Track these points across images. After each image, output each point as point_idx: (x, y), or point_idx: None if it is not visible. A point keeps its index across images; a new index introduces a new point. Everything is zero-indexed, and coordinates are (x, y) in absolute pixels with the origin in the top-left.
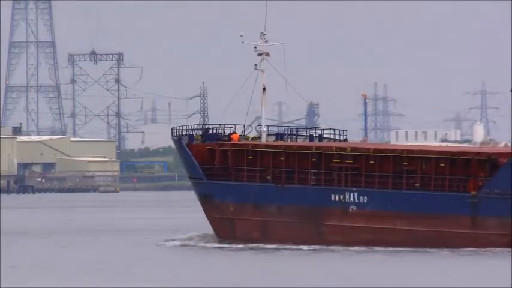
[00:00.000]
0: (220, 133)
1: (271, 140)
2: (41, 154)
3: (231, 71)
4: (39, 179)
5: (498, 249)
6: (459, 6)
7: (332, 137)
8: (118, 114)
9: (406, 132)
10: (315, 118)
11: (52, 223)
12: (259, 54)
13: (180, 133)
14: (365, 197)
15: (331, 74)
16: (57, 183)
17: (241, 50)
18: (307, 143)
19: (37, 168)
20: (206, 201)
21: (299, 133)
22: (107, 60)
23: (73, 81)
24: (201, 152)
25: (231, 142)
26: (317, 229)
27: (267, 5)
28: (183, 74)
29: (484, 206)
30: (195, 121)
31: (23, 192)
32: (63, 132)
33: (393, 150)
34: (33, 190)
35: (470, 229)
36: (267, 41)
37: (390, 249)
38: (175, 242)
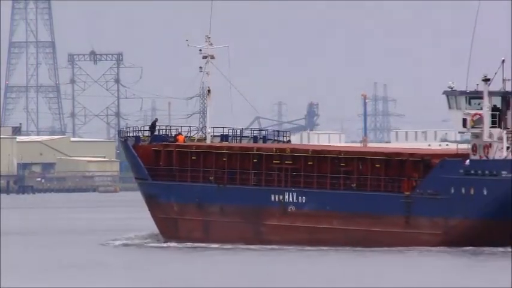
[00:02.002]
0: (167, 134)
1: (217, 141)
2: (41, 154)
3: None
4: (39, 179)
5: (430, 248)
6: (459, 7)
7: (276, 138)
8: (118, 114)
9: (406, 132)
10: (315, 118)
11: (22, 223)
12: (204, 57)
13: (127, 134)
14: (304, 197)
15: (331, 74)
16: (57, 183)
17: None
18: (248, 144)
19: (37, 168)
20: (151, 201)
21: (243, 134)
22: (106, 60)
23: (73, 81)
24: (147, 153)
25: (176, 143)
26: (257, 229)
27: (212, 6)
28: (183, 74)
29: (417, 206)
30: (195, 121)
31: (23, 193)
32: (63, 132)
33: (331, 152)
34: (33, 190)
35: (403, 229)
36: (211, 44)
37: (327, 248)
38: (118, 242)
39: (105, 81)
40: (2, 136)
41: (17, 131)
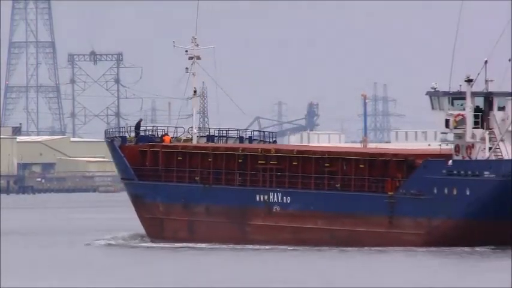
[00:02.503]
0: (153, 135)
1: (203, 142)
2: (41, 154)
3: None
4: (39, 179)
5: (414, 248)
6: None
7: (262, 139)
8: (118, 115)
9: (406, 132)
10: (315, 118)
11: (16, 223)
12: (190, 58)
13: (113, 135)
14: (288, 197)
15: (331, 74)
16: (57, 183)
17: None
18: (234, 144)
19: (37, 169)
20: (137, 201)
21: (229, 135)
22: (106, 60)
23: (73, 81)
24: (133, 154)
25: (162, 144)
26: (242, 229)
27: (198, 6)
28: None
29: (400, 206)
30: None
31: (23, 193)
32: (63, 133)
33: (315, 152)
34: (33, 190)
35: (387, 228)
36: (197, 45)
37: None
38: (102, 242)
39: (105, 81)
40: (2, 136)
41: (17, 131)
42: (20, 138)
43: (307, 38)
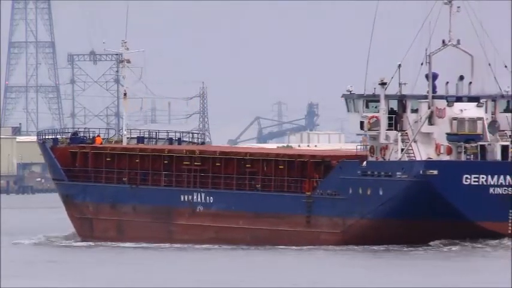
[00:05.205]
0: (86, 136)
1: (133, 143)
2: (41, 154)
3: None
4: (39, 179)
5: (330, 246)
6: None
7: (191, 140)
8: (117, 115)
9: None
10: (315, 118)
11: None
12: (121, 61)
13: (45, 137)
14: (211, 198)
15: (331, 73)
16: None
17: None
18: (160, 146)
19: (36, 169)
20: (67, 201)
21: (159, 137)
22: (106, 60)
23: (72, 82)
24: (64, 155)
25: (91, 145)
26: (168, 228)
27: (127, 8)
28: (183, 73)
29: (317, 205)
30: (194, 121)
31: (23, 193)
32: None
33: (237, 153)
34: (33, 190)
35: (305, 228)
36: (128, 49)
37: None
38: (27, 241)
39: (104, 81)
40: (2, 136)
41: (17, 131)
42: (19, 138)
43: (308, 38)
